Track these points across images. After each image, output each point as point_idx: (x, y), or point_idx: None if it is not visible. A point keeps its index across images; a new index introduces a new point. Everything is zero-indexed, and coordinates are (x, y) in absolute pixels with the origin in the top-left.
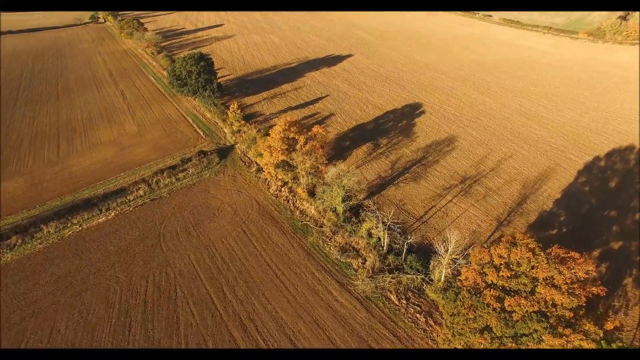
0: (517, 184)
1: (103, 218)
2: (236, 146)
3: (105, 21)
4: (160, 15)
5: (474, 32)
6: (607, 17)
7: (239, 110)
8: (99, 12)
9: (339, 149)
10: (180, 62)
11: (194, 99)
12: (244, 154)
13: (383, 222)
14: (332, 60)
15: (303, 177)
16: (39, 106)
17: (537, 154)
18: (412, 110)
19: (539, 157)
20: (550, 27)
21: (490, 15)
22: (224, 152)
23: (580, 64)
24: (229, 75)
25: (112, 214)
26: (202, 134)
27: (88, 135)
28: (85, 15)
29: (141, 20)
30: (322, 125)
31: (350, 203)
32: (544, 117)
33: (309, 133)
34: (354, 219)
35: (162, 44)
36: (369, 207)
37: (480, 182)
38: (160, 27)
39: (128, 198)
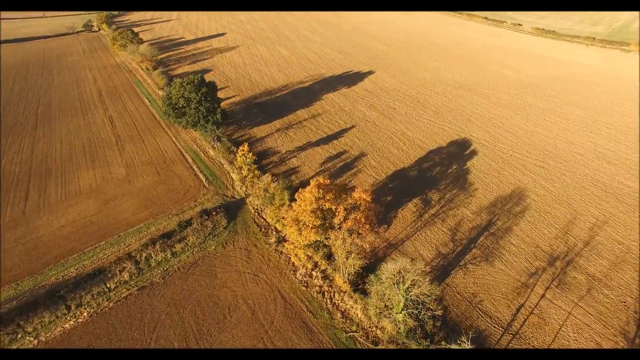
0: (628, 267)
1: (71, 322)
2: (247, 200)
3: (99, 29)
4: (157, 23)
5: (504, 43)
6: None
7: (250, 154)
8: (92, 20)
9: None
10: (177, 87)
11: (194, 131)
12: (259, 213)
13: None
14: (351, 79)
15: (342, 262)
16: (12, 138)
17: None
18: (461, 150)
19: None
20: (594, 38)
21: (520, 25)
22: (233, 209)
23: None
24: (234, 96)
25: (85, 313)
26: (204, 181)
27: (65, 180)
28: (78, 23)
29: (138, 29)
30: (353, 170)
31: (420, 314)
32: (631, 161)
33: (349, 200)
34: (420, 334)
35: (159, 57)
36: (461, 341)
37: (575, 265)
38: (158, 37)
39: (108, 285)
